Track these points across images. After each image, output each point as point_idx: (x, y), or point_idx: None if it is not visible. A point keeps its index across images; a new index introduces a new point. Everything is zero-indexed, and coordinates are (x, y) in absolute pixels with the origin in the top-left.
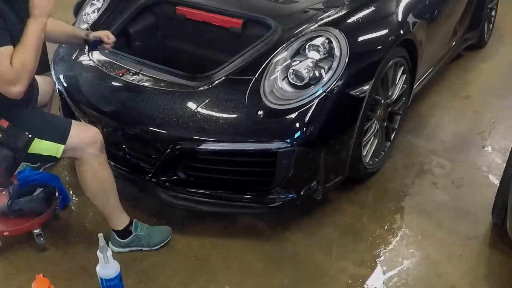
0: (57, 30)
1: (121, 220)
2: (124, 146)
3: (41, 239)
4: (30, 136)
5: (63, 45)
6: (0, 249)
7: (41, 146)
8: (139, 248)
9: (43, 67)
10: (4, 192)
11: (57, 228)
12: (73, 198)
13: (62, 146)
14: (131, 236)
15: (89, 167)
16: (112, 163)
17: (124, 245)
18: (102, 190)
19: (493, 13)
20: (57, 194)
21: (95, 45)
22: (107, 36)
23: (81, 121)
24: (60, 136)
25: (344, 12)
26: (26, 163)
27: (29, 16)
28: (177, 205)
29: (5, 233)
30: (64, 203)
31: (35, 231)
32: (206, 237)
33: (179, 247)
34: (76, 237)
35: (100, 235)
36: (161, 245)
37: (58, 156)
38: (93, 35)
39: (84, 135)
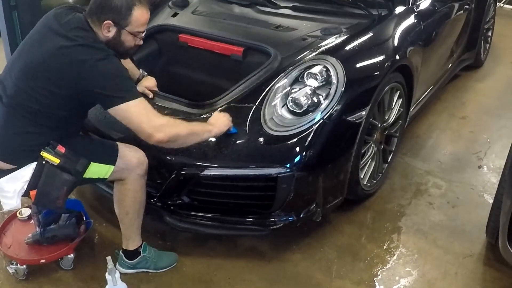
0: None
1: (136, 241)
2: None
3: (72, 262)
4: (86, 160)
5: None
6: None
7: (95, 169)
8: (145, 270)
9: None
10: (31, 221)
11: None
12: None
13: (112, 167)
14: (139, 257)
15: (132, 187)
16: None
17: (132, 266)
18: (136, 211)
19: (489, 33)
20: (84, 218)
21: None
22: (151, 92)
23: None
24: (110, 158)
25: (341, 39)
26: None
27: None
28: (182, 228)
29: (41, 261)
30: (88, 226)
31: (69, 255)
32: (210, 259)
33: (184, 268)
34: (84, 259)
35: (109, 258)
36: (167, 269)
37: (107, 177)
38: (142, 88)
39: (132, 157)
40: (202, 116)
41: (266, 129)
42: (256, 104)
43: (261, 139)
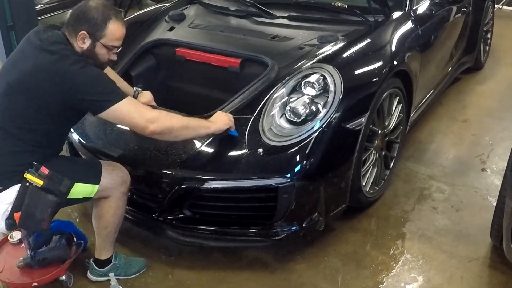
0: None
1: (109, 251)
2: (131, 187)
3: (70, 280)
4: (70, 181)
5: None
6: None
7: (80, 190)
8: (117, 276)
9: None
10: (22, 245)
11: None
12: None
13: (96, 186)
14: (110, 265)
15: (115, 204)
16: None
17: (103, 273)
18: (115, 226)
19: (489, 35)
20: (75, 239)
21: None
22: (151, 106)
23: None
24: (94, 177)
25: (338, 47)
26: None
27: None
28: (185, 242)
29: (33, 284)
30: (84, 245)
31: (61, 278)
32: (214, 271)
33: (189, 281)
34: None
35: (112, 274)
36: (137, 274)
37: (92, 196)
38: None
39: (116, 175)
40: None
41: (265, 139)
42: (254, 115)
43: (260, 150)
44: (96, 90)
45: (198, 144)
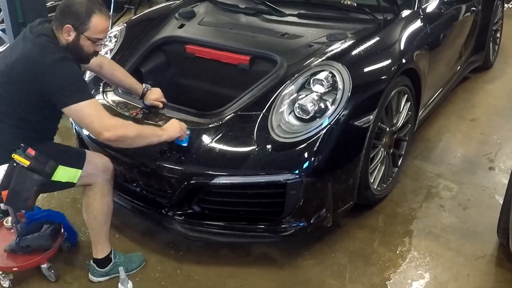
0: (122, 78)
1: (105, 247)
2: (140, 182)
3: (52, 271)
4: (55, 163)
5: None
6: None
7: (63, 173)
8: (118, 275)
9: None
10: (12, 230)
11: (64, 262)
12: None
13: (79, 171)
14: (111, 264)
15: (100, 191)
16: (129, 199)
17: (104, 273)
18: (104, 215)
19: (498, 35)
20: (62, 230)
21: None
22: (161, 103)
23: None
24: (77, 162)
25: (346, 45)
26: None
27: None
28: (193, 237)
29: (14, 269)
30: (73, 239)
31: (43, 265)
32: (222, 267)
33: (197, 277)
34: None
35: (121, 268)
36: (137, 269)
37: (75, 181)
38: (150, 101)
39: (98, 162)
40: (210, 125)
41: (273, 136)
42: (263, 111)
43: (269, 146)
44: (65, 85)
45: (207, 140)
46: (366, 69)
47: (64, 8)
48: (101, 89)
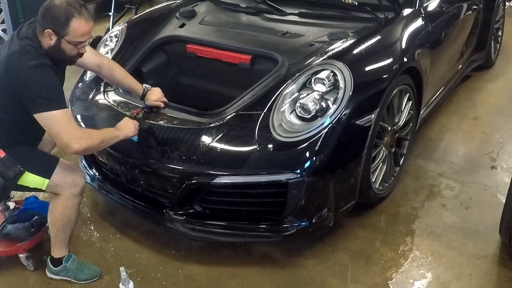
0: (122, 79)
1: (61, 250)
2: (142, 182)
3: (30, 261)
4: (21, 168)
5: (79, 86)
6: None
7: (30, 179)
8: (68, 278)
9: None
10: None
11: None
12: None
13: (47, 181)
14: (61, 266)
15: (63, 203)
16: (131, 199)
17: (55, 272)
18: (63, 225)
19: (499, 33)
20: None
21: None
22: (162, 102)
23: (99, 159)
24: (46, 171)
25: (348, 44)
26: None
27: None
28: (195, 237)
29: None
30: None
31: (20, 255)
32: (223, 267)
33: (198, 277)
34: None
35: (122, 268)
36: (88, 281)
37: (44, 188)
38: (151, 102)
39: (68, 176)
40: (211, 125)
41: (275, 135)
42: (265, 111)
43: (270, 146)
44: (38, 92)
45: (208, 140)
46: (367, 68)
47: (44, 12)
48: (102, 89)
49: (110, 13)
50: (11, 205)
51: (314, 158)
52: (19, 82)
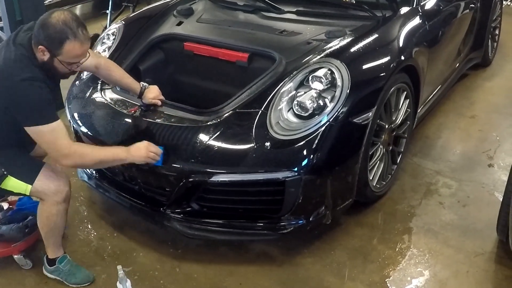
0: (119, 78)
1: (54, 252)
2: (139, 180)
3: (27, 260)
4: (5, 172)
5: (77, 84)
6: None
7: (13, 184)
8: (60, 279)
9: (57, 104)
10: None
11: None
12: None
13: (30, 186)
14: (53, 267)
15: (48, 210)
16: (128, 197)
17: (49, 271)
18: (49, 230)
19: (496, 32)
20: None
21: (147, 104)
22: (159, 100)
23: None
24: (29, 177)
25: (345, 42)
26: None
27: None
28: (192, 235)
29: None
30: None
31: (15, 256)
32: (221, 265)
33: (195, 275)
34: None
35: (119, 267)
36: (79, 286)
37: (27, 194)
38: (148, 100)
39: (51, 183)
40: (208, 123)
41: (272, 133)
42: (262, 109)
43: (267, 144)
44: (26, 107)
45: (206, 138)
46: (365, 66)
47: (42, 25)
48: (99, 87)
49: (108, 11)
50: (5, 205)
51: (312, 156)
52: (9, 92)
